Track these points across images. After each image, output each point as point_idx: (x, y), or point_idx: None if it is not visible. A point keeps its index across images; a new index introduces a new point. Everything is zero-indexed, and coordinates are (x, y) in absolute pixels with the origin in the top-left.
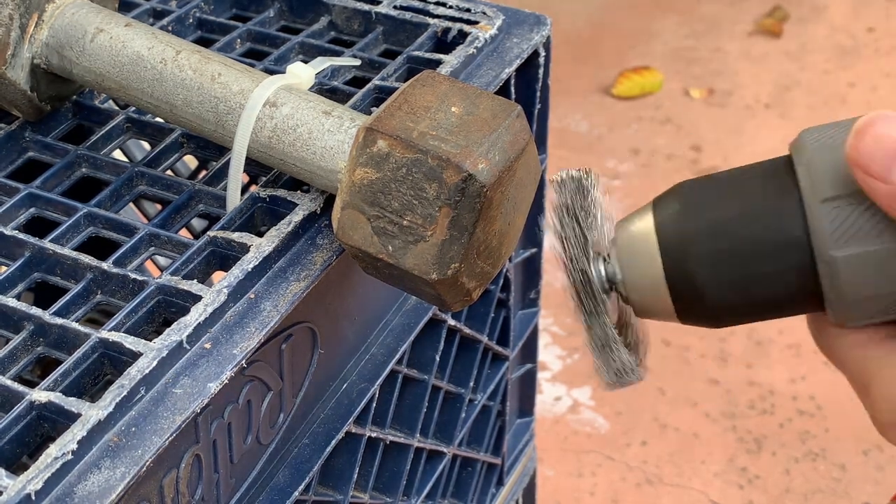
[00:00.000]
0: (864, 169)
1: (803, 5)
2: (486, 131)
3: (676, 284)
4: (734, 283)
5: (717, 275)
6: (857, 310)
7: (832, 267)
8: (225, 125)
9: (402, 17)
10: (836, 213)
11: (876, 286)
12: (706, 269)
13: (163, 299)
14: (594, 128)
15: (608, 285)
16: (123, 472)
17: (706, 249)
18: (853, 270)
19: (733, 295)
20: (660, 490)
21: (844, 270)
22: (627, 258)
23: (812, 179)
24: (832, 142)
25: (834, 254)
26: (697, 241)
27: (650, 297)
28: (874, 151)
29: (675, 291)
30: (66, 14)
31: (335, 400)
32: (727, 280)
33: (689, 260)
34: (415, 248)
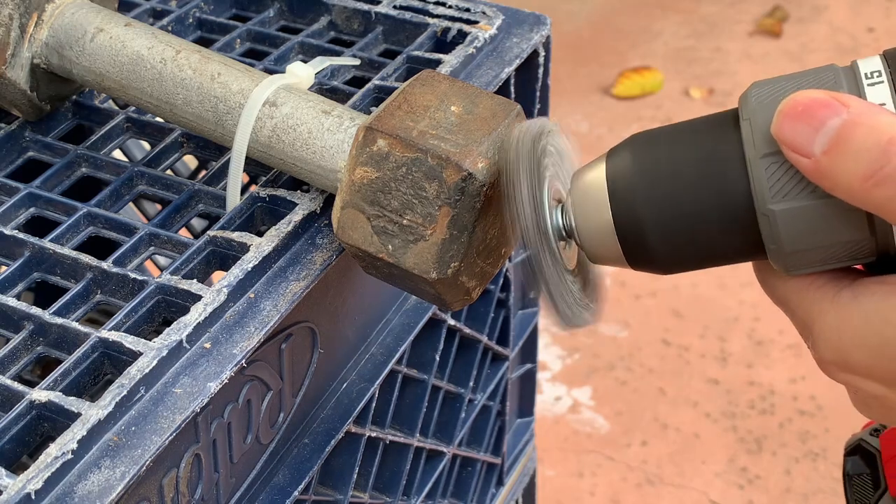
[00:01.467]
0: (788, 145)
1: (803, 5)
2: (485, 130)
3: (624, 231)
4: (679, 231)
5: (663, 223)
6: (797, 260)
7: (771, 219)
8: (225, 125)
9: (401, 17)
10: (775, 168)
11: (813, 239)
12: (652, 217)
13: (162, 299)
14: (594, 128)
15: (564, 233)
16: (123, 472)
17: (652, 198)
18: (791, 223)
19: (678, 243)
20: (660, 490)
21: (783, 223)
22: (580, 206)
23: (753, 135)
24: (774, 99)
25: (772, 207)
26: (644, 189)
27: (601, 244)
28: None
29: (623, 238)
30: (66, 14)
31: (335, 400)
32: (672, 228)
33: (637, 208)
34: (415, 247)
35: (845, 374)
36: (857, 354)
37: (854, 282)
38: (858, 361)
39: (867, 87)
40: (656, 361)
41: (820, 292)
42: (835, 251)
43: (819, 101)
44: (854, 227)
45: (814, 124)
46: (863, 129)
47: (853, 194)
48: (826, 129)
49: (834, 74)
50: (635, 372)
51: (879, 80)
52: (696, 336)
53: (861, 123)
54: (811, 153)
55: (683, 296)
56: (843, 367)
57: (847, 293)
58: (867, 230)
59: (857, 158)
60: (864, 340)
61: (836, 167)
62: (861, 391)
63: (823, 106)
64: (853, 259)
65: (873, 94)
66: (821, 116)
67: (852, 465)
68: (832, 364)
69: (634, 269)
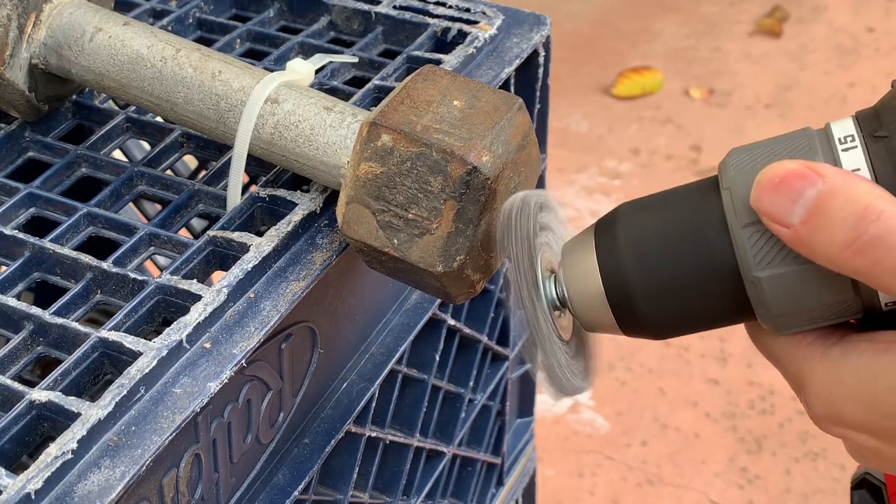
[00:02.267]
0: (767, 216)
1: (803, 5)
2: (488, 124)
3: (616, 302)
4: (669, 299)
5: (653, 292)
6: (785, 321)
7: (757, 286)
8: (226, 122)
9: (401, 17)
10: (757, 236)
11: (799, 301)
12: (642, 287)
13: (162, 299)
14: (594, 128)
15: (558, 303)
16: (123, 472)
17: (641, 269)
18: (777, 288)
19: (670, 310)
20: (660, 490)
21: (769, 289)
22: (572, 278)
23: (734, 204)
24: (752, 168)
25: (758, 274)
26: (633, 261)
27: (594, 314)
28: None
29: (615, 308)
30: (64, 14)
31: (335, 399)
32: (663, 297)
33: (626, 280)
34: (420, 241)
35: (838, 429)
36: (849, 410)
37: (843, 339)
38: (850, 416)
39: (841, 153)
40: (656, 361)
41: (809, 350)
42: (822, 311)
43: (794, 173)
44: (838, 290)
45: (791, 195)
46: (839, 198)
47: (833, 262)
48: (803, 200)
49: (809, 140)
50: (635, 372)
51: (853, 144)
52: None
53: (837, 193)
54: (790, 224)
55: None
56: (836, 421)
57: (836, 351)
58: (851, 292)
59: (834, 228)
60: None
61: (815, 237)
62: (855, 444)
63: (799, 177)
64: (840, 317)
65: (847, 159)
66: (797, 187)
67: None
68: (825, 419)
69: (628, 336)
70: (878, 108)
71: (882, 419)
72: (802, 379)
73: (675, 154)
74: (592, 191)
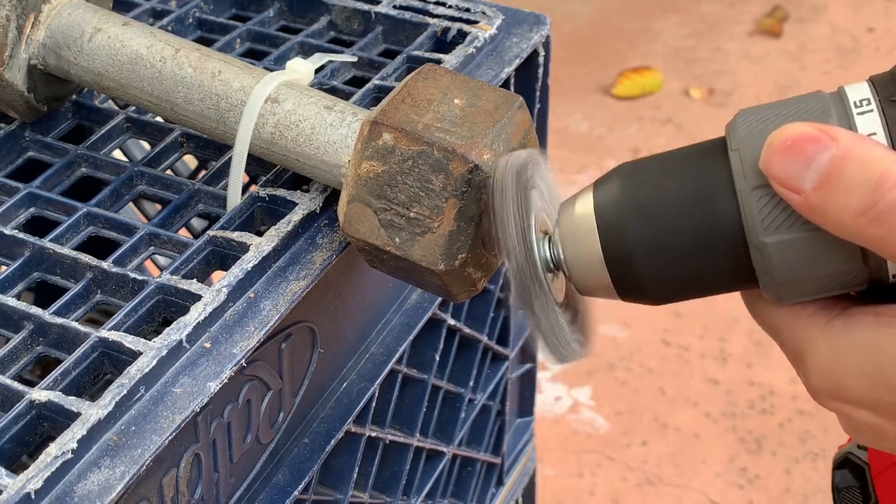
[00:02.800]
0: (778, 181)
1: (803, 5)
2: (489, 122)
3: (614, 263)
4: (669, 261)
5: (653, 254)
6: (789, 290)
7: (763, 251)
8: (226, 122)
9: (401, 17)
10: (766, 200)
11: (806, 270)
12: (642, 248)
13: (162, 299)
14: (594, 128)
15: (552, 265)
16: (123, 472)
17: (642, 230)
18: (784, 255)
19: (669, 273)
20: (660, 490)
21: (776, 255)
22: (568, 238)
23: (743, 167)
24: (762, 129)
25: (765, 239)
26: (633, 220)
27: (590, 276)
28: (784, 165)
29: (613, 270)
30: (63, 14)
31: (335, 399)
32: (662, 259)
33: (626, 240)
34: (422, 239)
35: (837, 403)
36: (851, 384)
37: (845, 311)
38: (852, 391)
39: (857, 117)
40: (656, 361)
41: (811, 320)
42: (828, 281)
43: (808, 136)
44: (847, 259)
45: (803, 160)
46: (853, 164)
47: (846, 230)
48: (816, 165)
49: (822, 102)
50: (635, 372)
51: (869, 108)
52: (696, 336)
53: (851, 158)
54: (801, 189)
55: None
56: (835, 395)
57: (839, 322)
58: (860, 261)
59: (848, 195)
60: (857, 370)
61: (828, 204)
62: (853, 419)
63: (812, 140)
64: (845, 288)
65: (863, 123)
66: (810, 151)
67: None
68: (824, 392)
69: (624, 300)
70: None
71: (886, 394)
72: (802, 351)
73: None
74: None
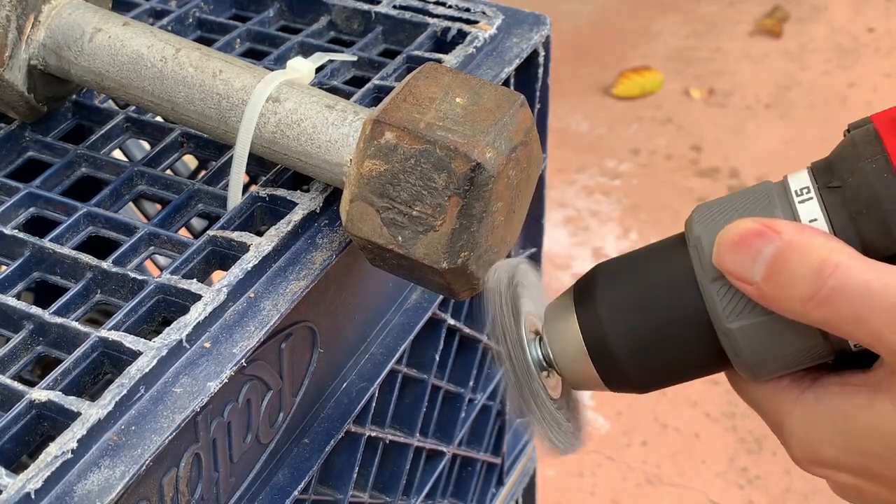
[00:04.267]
0: (730, 275)
1: (803, 5)
2: (491, 121)
3: (599, 360)
4: (649, 354)
5: (633, 349)
6: (760, 368)
7: (729, 336)
8: (228, 121)
9: (401, 17)
10: (725, 290)
11: (770, 350)
12: (622, 346)
13: (162, 298)
14: (594, 128)
15: (545, 363)
16: (123, 471)
17: (620, 328)
18: (748, 338)
19: (650, 365)
20: (660, 490)
21: (741, 339)
22: (555, 339)
23: (701, 261)
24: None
25: (729, 326)
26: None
27: (579, 372)
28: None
29: (598, 366)
30: (63, 14)
31: (335, 399)
32: (643, 353)
33: (606, 339)
34: (425, 237)
35: (819, 469)
36: (826, 451)
37: (815, 382)
38: (828, 457)
39: (798, 205)
40: None
41: (785, 394)
42: (794, 357)
43: (752, 231)
44: (807, 336)
45: (751, 254)
46: (796, 254)
47: (797, 315)
48: (762, 258)
49: (767, 195)
50: None
51: (809, 196)
52: None
53: (793, 249)
54: (752, 280)
55: None
56: (815, 462)
57: (810, 394)
58: (820, 337)
59: (794, 283)
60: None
61: (777, 292)
62: (836, 483)
63: (757, 235)
64: (814, 360)
65: (804, 211)
66: (756, 246)
67: None
68: (804, 460)
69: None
70: (832, 160)
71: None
72: (780, 422)
73: (675, 154)
74: (592, 191)
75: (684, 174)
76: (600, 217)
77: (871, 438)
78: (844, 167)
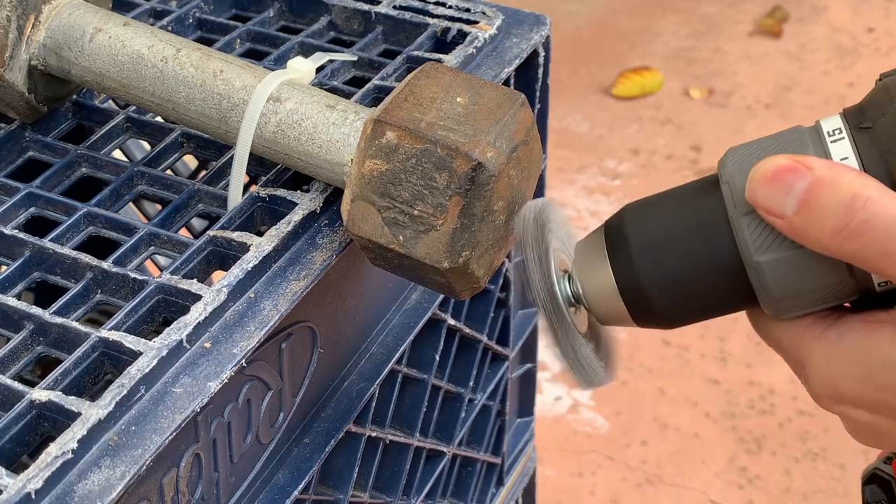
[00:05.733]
0: (762, 209)
1: (803, 5)
2: (492, 120)
3: (628, 294)
4: (678, 289)
5: (662, 283)
6: (785, 305)
7: (758, 270)
8: (228, 121)
9: (401, 17)
10: (755, 224)
11: (797, 284)
12: (651, 279)
13: (163, 298)
14: (594, 128)
15: (573, 299)
16: (123, 471)
17: (650, 262)
18: (776, 273)
19: (678, 299)
20: (660, 490)
21: (769, 273)
22: (586, 276)
23: (733, 196)
24: (748, 163)
25: (758, 259)
26: (641, 255)
27: (608, 307)
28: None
29: (627, 300)
30: (63, 15)
31: (335, 399)
32: (671, 287)
33: (637, 272)
34: (426, 237)
35: (837, 406)
36: (846, 386)
37: (838, 320)
38: (848, 393)
39: (830, 145)
40: (656, 361)
41: (808, 331)
42: (819, 294)
43: (785, 167)
44: (834, 272)
45: (783, 188)
46: (827, 188)
47: (826, 248)
48: (794, 192)
49: (799, 136)
50: (635, 372)
51: (840, 136)
52: (696, 336)
53: (825, 183)
54: (784, 214)
55: None
56: (835, 399)
57: (833, 331)
58: (846, 273)
59: (824, 217)
60: (850, 373)
61: (807, 225)
62: (853, 420)
63: (790, 170)
64: (837, 299)
65: (836, 150)
66: (788, 180)
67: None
68: (824, 397)
69: (640, 327)
70: (864, 104)
71: (879, 393)
72: (803, 360)
73: (675, 154)
74: (592, 191)
75: (684, 174)
76: (600, 217)
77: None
78: (876, 110)
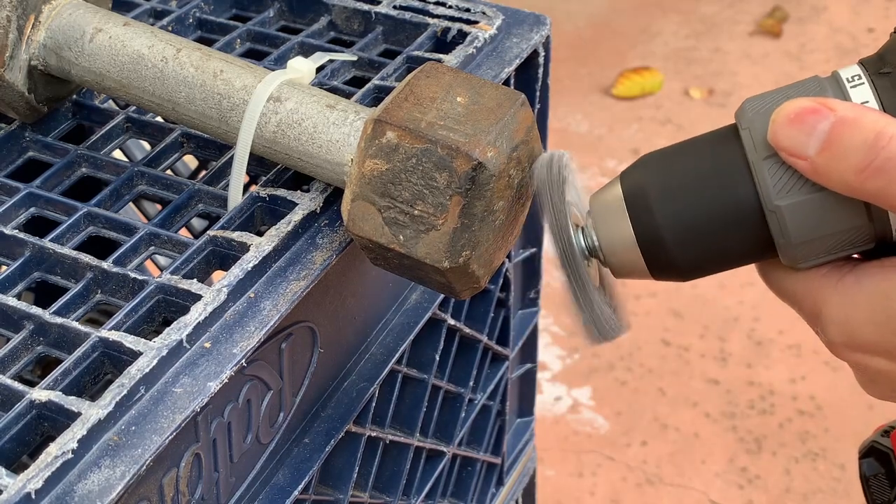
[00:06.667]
0: (785, 151)
1: (803, 5)
2: (492, 120)
3: (646, 244)
4: (696, 236)
5: (681, 230)
6: (804, 251)
7: (778, 215)
8: (229, 121)
9: (401, 17)
10: (776, 167)
11: (817, 229)
12: (670, 228)
13: (163, 298)
14: (594, 128)
15: (588, 252)
16: (123, 472)
17: (669, 210)
18: (796, 216)
19: (696, 248)
20: (660, 490)
21: (788, 217)
22: (602, 226)
23: (754, 141)
24: (768, 109)
25: (778, 203)
26: (660, 203)
27: (625, 259)
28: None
29: (645, 250)
30: (63, 15)
31: (335, 399)
32: (690, 235)
33: (655, 221)
34: (426, 237)
35: (854, 354)
36: (864, 332)
37: (855, 267)
38: (865, 339)
39: (850, 90)
40: (656, 361)
41: (824, 280)
42: (838, 239)
43: (808, 108)
44: (853, 215)
45: (806, 129)
46: (850, 128)
47: (848, 188)
48: (817, 133)
49: (819, 83)
50: (635, 372)
51: (860, 82)
52: (696, 336)
53: (848, 123)
54: (806, 155)
55: (683, 296)
56: (851, 346)
57: (850, 277)
58: (865, 217)
59: (847, 155)
60: (868, 319)
61: (831, 165)
62: (869, 369)
63: (813, 112)
64: (854, 246)
65: (856, 94)
66: (811, 121)
67: (868, 466)
68: (841, 345)
69: (656, 279)
70: (882, 52)
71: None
72: (818, 310)
73: None
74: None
75: None
76: None
77: None
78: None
